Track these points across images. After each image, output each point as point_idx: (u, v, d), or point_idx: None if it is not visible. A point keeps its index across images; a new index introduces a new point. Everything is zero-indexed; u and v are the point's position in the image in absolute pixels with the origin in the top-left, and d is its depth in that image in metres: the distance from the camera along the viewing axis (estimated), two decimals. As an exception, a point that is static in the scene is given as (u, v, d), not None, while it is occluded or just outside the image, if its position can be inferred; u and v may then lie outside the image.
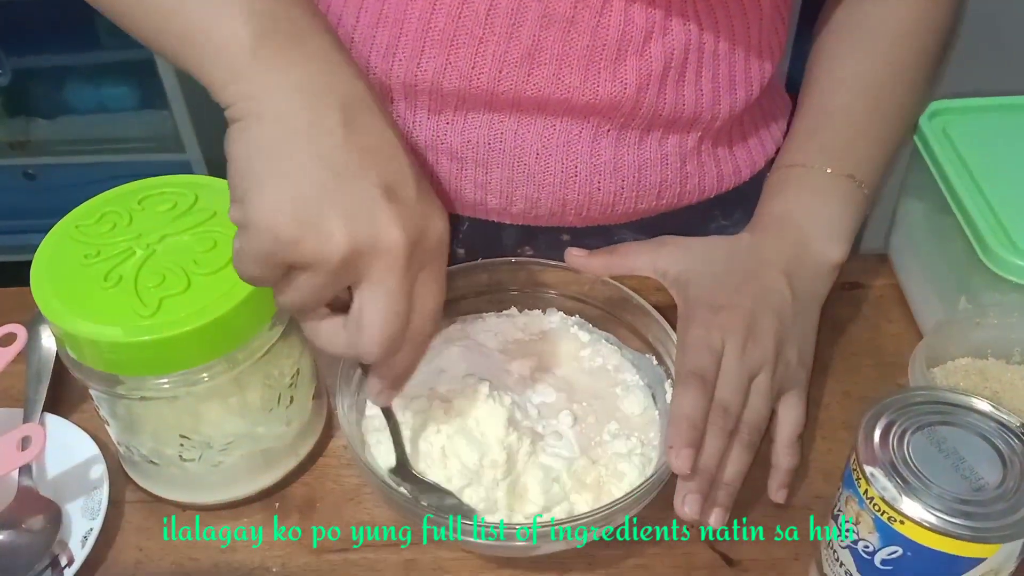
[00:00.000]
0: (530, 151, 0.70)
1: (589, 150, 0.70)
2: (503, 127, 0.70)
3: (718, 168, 0.75)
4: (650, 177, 0.72)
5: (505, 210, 0.73)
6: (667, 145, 0.72)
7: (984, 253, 0.61)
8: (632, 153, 0.71)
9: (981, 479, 0.47)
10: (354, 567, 0.59)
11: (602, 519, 0.55)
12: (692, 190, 0.74)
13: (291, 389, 0.61)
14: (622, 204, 0.73)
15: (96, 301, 0.53)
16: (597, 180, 0.71)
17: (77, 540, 0.59)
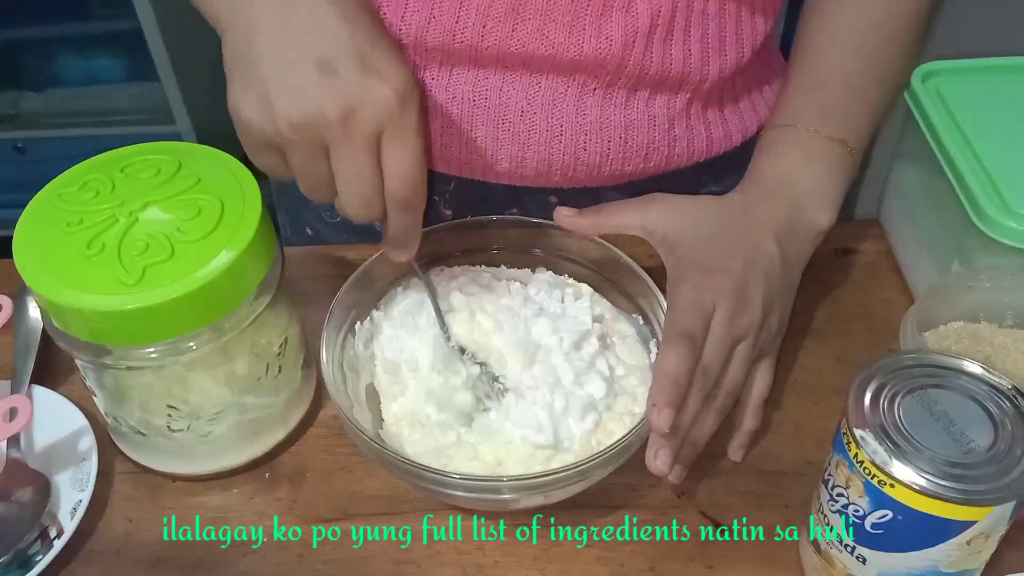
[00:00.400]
0: (515, 109, 0.69)
1: (575, 109, 0.69)
2: (488, 84, 0.69)
3: (708, 132, 0.74)
4: (637, 138, 0.71)
5: (490, 168, 0.73)
6: (654, 106, 0.71)
7: (977, 216, 0.61)
8: (619, 113, 0.70)
9: (972, 442, 0.47)
10: (345, 537, 0.59)
11: (577, 475, 0.55)
12: (680, 153, 0.74)
13: (279, 358, 0.61)
14: (608, 165, 0.72)
15: (79, 269, 0.52)
16: (583, 140, 0.70)
17: (66, 511, 0.59)
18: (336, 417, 0.66)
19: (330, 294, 0.70)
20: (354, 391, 0.62)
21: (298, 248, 0.82)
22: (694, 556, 0.58)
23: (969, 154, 0.65)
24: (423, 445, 0.59)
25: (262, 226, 0.55)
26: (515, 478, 0.55)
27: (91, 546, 0.59)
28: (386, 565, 0.58)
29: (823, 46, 0.70)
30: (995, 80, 0.71)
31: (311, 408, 0.66)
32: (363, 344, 0.64)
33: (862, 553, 0.50)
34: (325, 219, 0.84)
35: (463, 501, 0.58)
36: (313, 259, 0.78)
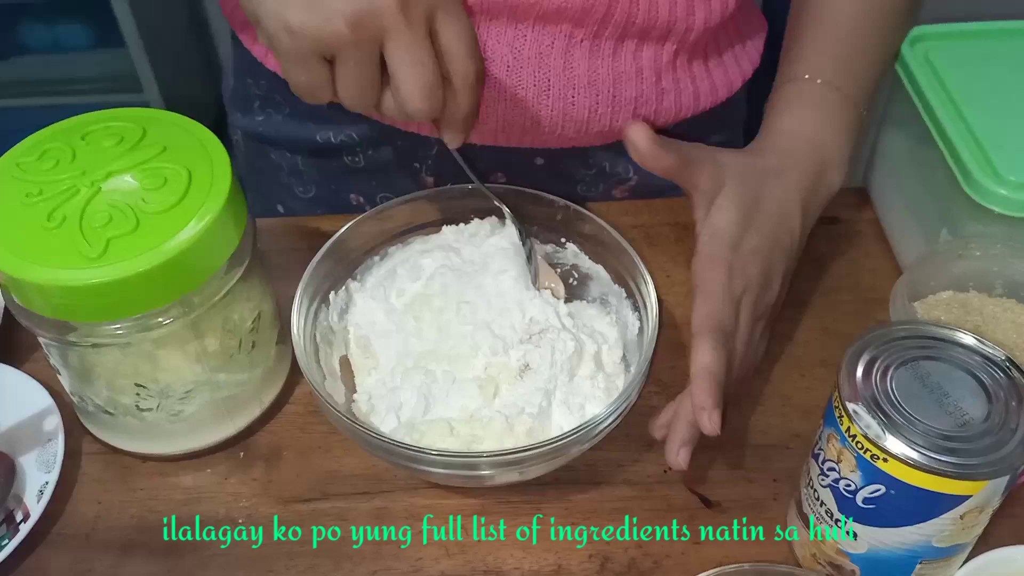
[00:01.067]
0: (501, 64, 0.67)
1: (562, 62, 0.68)
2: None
3: (694, 85, 0.73)
4: (625, 91, 0.70)
5: (476, 129, 0.70)
6: (641, 58, 0.69)
7: (966, 182, 0.59)
8: (606, 65, 0.68)
9: (966, 414, 0.46)
10: (323, 516, 0.58)
11: (554, 451, 0.53)
12: (669, 107, 0.72)
13: (252, 334, 0.59)
14: (597, 120, 0.70)
15: (39, 243, 0.50)
16: (571, 94, 0.69)
17: (33, 494, 0.57)
18: (312, 394, 0.64)
19: (305, 267, 0.68)
20: (327, 364, 0.60)
21: (271, 220, 0.80)
22: (681, 532, 0.57)
23: (958, 120, 0.63)
24: (396, 421, 0.58)
25: (232, 196, 0.53)
26: (493, 453, 0.54)
27: (59, 529, 0.57)
28: (366, 545, 0.56)
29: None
30: (985, 45, 0.69)
31: (286, 385, 0.64)
32: (337, 315, 0.63)
33: (853, 528, 0.49)
34: (297, 194, 0.82)
35: (439, 478, 0.56)
36: (287, 231, 0.76)
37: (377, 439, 0.53)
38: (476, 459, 0.54)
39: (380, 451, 0.54)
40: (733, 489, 0.59)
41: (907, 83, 0.67)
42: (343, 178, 0.80)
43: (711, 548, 0.56)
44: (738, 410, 0.62)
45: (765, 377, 0.64)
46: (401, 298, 0.63)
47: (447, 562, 0.55)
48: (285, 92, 0.76)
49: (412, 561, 0.56)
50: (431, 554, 0.56)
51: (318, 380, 0.57)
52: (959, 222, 0.62)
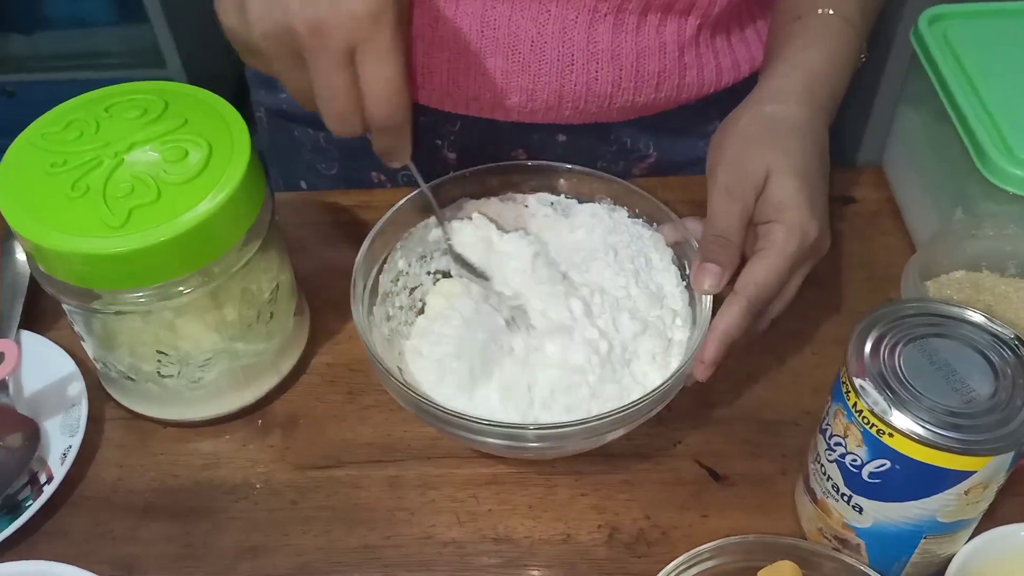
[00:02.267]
0: (525, 39, 0.68)
1: (586, 36, 0.68)
2: (496, 14, 0.67)
3: (717, 61, 0.73)
4: (648, 66, 0.70)
5: (500, 104, 0.71)
6: (665, 33, 0.69)
7: (982, 162, 0.59)
8: (630, 40, 0.69)
9: (972, 391, 0.46)
10: (338, 484, 0.59)
11: (606, 425, 0.54)
12: (691, 82, 0.72)
13: (271, 305, 0.60)
14: (620, 95, 0.71)
15: (63, 212, 0.51)
16: (595, 69, 0.69)
17: (56, 457, 0.58)
18: (329, 364, 0.65)
19: (323, 240, 0.69)
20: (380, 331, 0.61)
21: (290, 194, 0.81)
22: (689, 504, 0.57)
23: (975, 100, 0.63)
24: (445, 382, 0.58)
25: (251, 169, 0.54)
26: (547, 426, 0.54)
27: (81, 492, 0.59)
28: (379, 512, 0.57)
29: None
30: (1003, 25, 0.69)
31: (304, 356, 0.65)
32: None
33: (859, 502, 0.49)
34: (320, 171, 0.83)
35: (490, 447, 0.57)
36: (306, 205, 0.77)
37: (433, 407, 0.53)
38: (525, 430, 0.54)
39: (432, 418, 0.55)
40: (742, 463, 0.59)
41: (925, 62, 0.67)
42: (365, 155, 0.80)
43: (718, 521, 0.57)
44: (749, 386, 0.63)
45: (776, 354, 0.65)
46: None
47: (458, 529, 0.57)
48: None
49: (424, 527, 0.57)
50: (443, 521, 0.57)
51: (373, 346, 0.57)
52: (973, 202, 0.62)
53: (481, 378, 0.58)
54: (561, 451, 0.57)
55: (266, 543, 0.56)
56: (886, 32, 0.95)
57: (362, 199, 0.75)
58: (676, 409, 0.62)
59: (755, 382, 0.63)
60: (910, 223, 0.72)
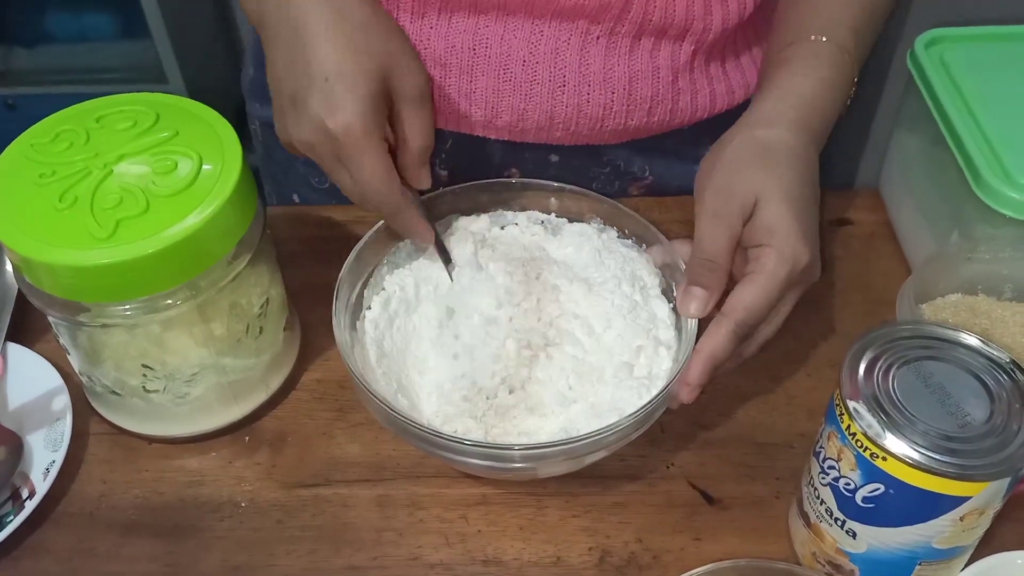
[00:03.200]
0: (516, 58, 0.68)
1: (578, 58, 0.68)
2: (488, 32, 0.67)
3: (711, 87, 0.73)
4: (641, 90, 0.70)
5: (490, 123, 0.71)
6: (658, 57, 0.69)
7: (977, 185, 0.59)
8: (623, 63, 0.68)
9: (967, 415, 0.45)
10: (325, 503, 0.58)
11: (587, 446, 0.53)
12: (684, 108, 0.72)
13: (260, 319, 0.59)
14: (612, 118, 0.70)
15: (50, 223, 0.50)
16: (586, 91, 0.69)
17: (39, 472, 0.57)
18: (319, 381, 0.65)
19: (315, 255, 0.68)
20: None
21: (283, 208, 0.80)
22: (682, 528, 0.57)
23: (971, 123, 0.63)
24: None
25: (241, 182, 0.53)
26: (537, 446, 0.53)
27: (64, 508, 0.58)
28: (366, 532, 0.57)
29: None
30: (999, 48, 0.69)
31: (293, 372, 0.64)
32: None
33: (852, 527, 0.49)
34: (313, 184, 0.82)
35: (474, 469, 0.56)
36: (299, 219, 0.77)
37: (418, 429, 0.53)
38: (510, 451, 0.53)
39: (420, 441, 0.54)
40: (735, 486, 0.59)
41: (921, 85, 0.67)
42: None
43: (711, 544, 0.56)
44: (743, 408, 0.62)
45: (772, 375, 0.64)
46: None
47: (447, 551, 0.56)
48: None
49: (412, 549, 0.56)
50: (431, 542, 0.56)
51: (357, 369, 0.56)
52: (969, 225, 0.62)
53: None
54: (541, 472, 0.56)
55: (251, 563, 0.55)
56: (883, 55, 0.95)
57: (356, 214, 0.75)
58: (669, 430, 0.61)
59: (749, 404, 0.63)
60: (906, 246, 0.71)
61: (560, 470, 0.56)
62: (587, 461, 0.55)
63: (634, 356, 0.58)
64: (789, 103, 0.62)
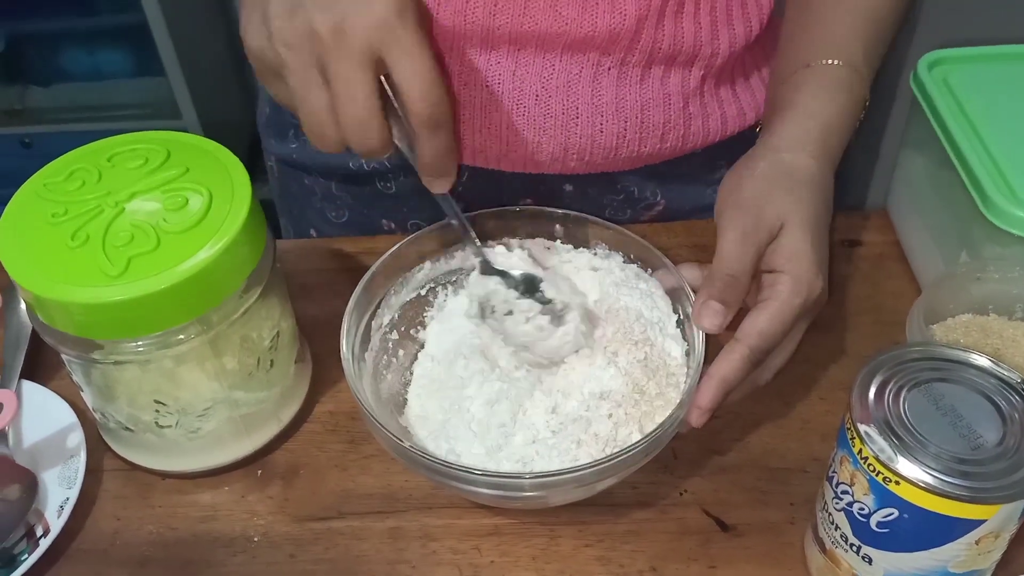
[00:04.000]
0: (530, 93, 0.68)
1: (590, 90, 0.68)
2: (501, 68, 0.68)
3: (721, 110, 0.73)
4: (653, 117, 0.70)
5: (505, 156, 0.71)
6: (669, 84, 0.70)
7: (985, 205, 0.59)
8: (634, 92, 0.69)
9: (980, 437, 0.45)
10: (338, 536, 0.58)
11: (595, 474, 0.53)
12: (696, 132, 0.73)
13: (271, 352, 0.59)
14: (625, 147, 0.71)
15: (62, 261, 0.51)
16: (600, 121, 0.69)
17: (53, 509, 0.58)
18: (332, 412, 0.65)
19: (326, 287, 0.69)
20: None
21: (294, 241, 0.81)
22: (696, 556, 0.56)
23: (976, 143, 0.63)
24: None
25: (251, 217, 0.54)
26: (542, 475, 0.53)
27: (78, 545, 0.58)
28: (380, 565, 0.57)
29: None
30: (1002, 68, 0.69)
31: (305, 404, 0.64)
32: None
33: (868, 553, 0.48)
34: (330, 219, 0.83)
35: (483, 498, 0.56)
36: (310, 252, 0.77)
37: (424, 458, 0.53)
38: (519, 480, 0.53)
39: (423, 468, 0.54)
40: (750, 512, 0.58)
41: (925, 106, 0.67)
42: (375, 203, 0.81)
43: (726, 572, 0.55)
44: (756, 433, 0.62)
45: (784, 400, 0.64)
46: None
47: (460, 582, 0.56)
48: None
49: (425, 581, 0.56)
50: (445, 574, 0.56)
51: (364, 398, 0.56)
52: (978, 245, 0.61)
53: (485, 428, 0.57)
54: (552, 501, 0.56)
55: (264, 597, 0.55)
56: (890, 75, 0.95)
57: (367, 245, 0.75)
58: (682, 456, 0.61)
59: (762, 428, 0.62)
60: (916, 267, 0.71)
61: (571, 498, 0.56)
62: (598, 488, 0.55)
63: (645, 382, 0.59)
64: (811, 127, 0.62)
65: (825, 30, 0.68)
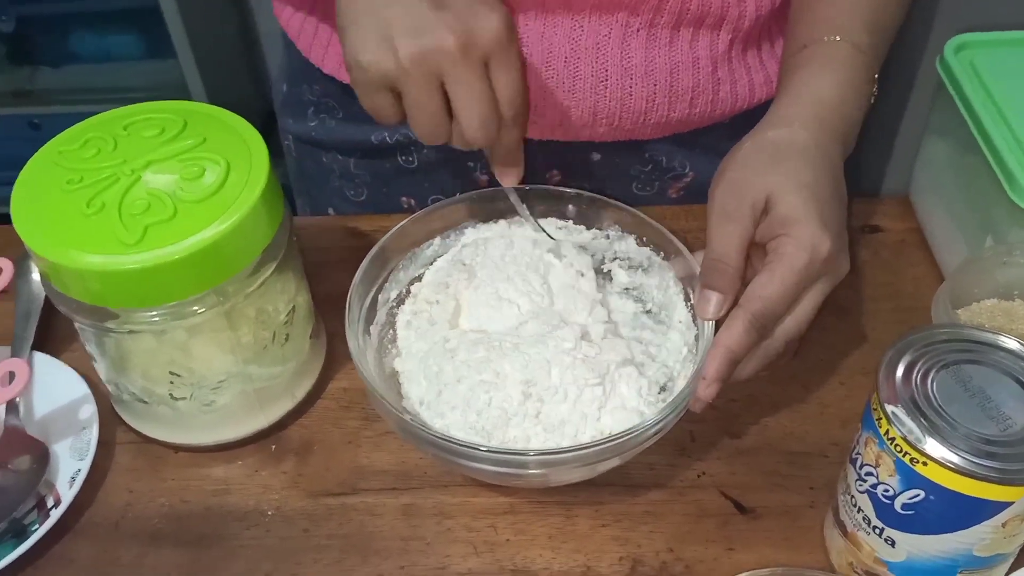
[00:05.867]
0: (559, 56, 0.68)
1: (620, 52, 0.68)
2: (529, 31, 0.68)
3: (749, 76, 0.73)
4: (682, 81, 0.70)
5: (535, 122, 0.71)
6: (698, 47, 0.70)
7: (1011, 187, 0.58)
8: (663, 54, 0.69)
9: (1009, 419, 0.44)
10: (352, 511, 0.57)
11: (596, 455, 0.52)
12: (725, 98, 0.72)
13: (286, 327, 0.59)
14: (655, 111, 0.70)
15: (78, 229, 0.50)
16: (629, 84, 0.69)
17: (65, 481, 0.57)
18: (346, 389, 0.64)
19: (342, 265, 0.68)
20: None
21: (311, 218, 0.80)
22: (715, 538, 0.56)
23: (1003, 127, 0.62)
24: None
25: (268, 189, 0.53)
26: (545, 452, 0.53)
27: (89, 517, 0.57)
28: (393, 541, 0.56)
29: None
30: (1031, 52, 0.68)
31: (320, 380, 0.64)
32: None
33: (891, 535, 0.48)
34: (348, 197, 0.82)
35: (487, 476, 0.56)
36: (326, 229, 0.77)
37: (431, 435, 0.52)
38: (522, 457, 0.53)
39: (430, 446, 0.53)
40: (768, 496, 0.57)
41: (952, 90, 0.66)
42: (395, 180, 0.80)
43: (744, 554, 0.55)
44: (775, 417, 0.61)
45: (803, 384, 0.63)
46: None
47: (475, 560, 0.55)
48: (340, 96, 0.77)
49: (440, 558, 0.55)
50: (459, 551, 0.55)
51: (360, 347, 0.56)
52: (1003, 229, 0.61)
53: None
54: (554, 480, 0.56)
55: (277, 572, 0.55)
56: (909, 62, 0.94)
57: (383, 224, 0.75)
58: (700, 439, 0.60)
59: (781, 413, 0.62)
60: (938, 253, 0.70)
61: (574, 477, 0.55)
62: (600, 469, 0.54)
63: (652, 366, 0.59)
64: (804, 104, 0.61)
65: (825, 10, 0.66)
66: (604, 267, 0.66)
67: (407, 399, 0.58)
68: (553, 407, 0.55)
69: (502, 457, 0.52)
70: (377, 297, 0.62)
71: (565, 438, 0.55)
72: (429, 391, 0.57)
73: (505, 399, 0.55)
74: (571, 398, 0.56)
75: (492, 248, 0.63)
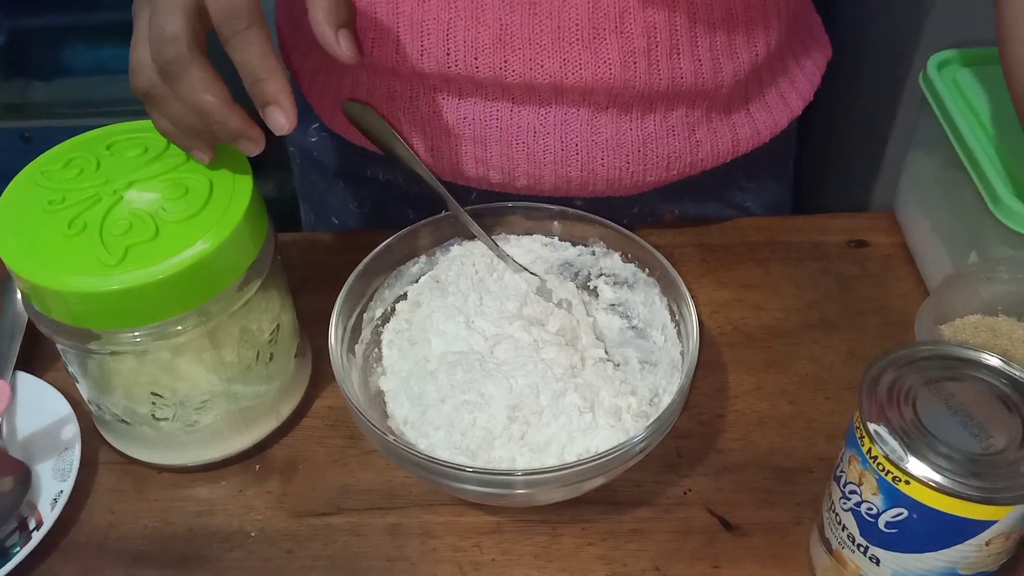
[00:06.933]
0: (527, 130, 0.66)
1: (588, 128, 0.66)
2: (496, 107, 0.66)
3: (733, 132, 0.70)
4: (656, 150, 0.68)
5: (509, 184, 0.69)
6: (672, 117, 0.67)
7: (994, 205, 0.58)
8: (635, 128, 0.66)
9: (991, 437, 0.44)
10: (337, 532, 0.57)
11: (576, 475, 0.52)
12: (705, 158, 0.69)
13: (271, 346, 0.59)
14: (628, 178, 0.68)
15: (59, 250, 0.50)
16: (599, 157, 0.67)
17: (47, 502, 0.57)
18: (331, 408, 0.64)
19: (327, 282, 0.67)
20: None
21: (294, 234, 0.80)
22: (700, 555, 0.55)
23: (986, 143, 0.62)
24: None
25: (251, 208, 0.53)
26: (532, 472, 0.53)
27: (72, 538, 0.57)
28: (379, 562, 0.56)
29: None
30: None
31: (304, 398, 0.64)
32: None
33: (875, 553, 0.47)
34: (352, 208, 0.82)
35: (472, 495, 0.56)
36: (310, 246, 0.76)
37: (416, 456, 0.52)
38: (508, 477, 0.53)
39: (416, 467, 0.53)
40: (754, 512, 0.57)
41: (934, 106, 0.66)
42: (400, 195, 0.80)
43: (730, 572, 0.55)
44: (761, 432, 0.61)
45: (790, 399, 0.63)
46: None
47: (460, 580, 0.55)
48: (334, 122, 0.75)
49: (425, 578, 0.55)
50: (444, 572, 0.55)
51: (344, 367, 0.56)
52: (987, 245, 0.61)
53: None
54: (540, 499, 0.56)
55: (261, 593, 0.55)
56: (894, 77, 0.95)
57: (372, 240, 0.74)
58: (686, 456, 0.60)
59: (767, 428, 0.62)
60: (923, 268, 0.71)
61: (560, 496, 0.55)
62: (586, 487, 0.54)
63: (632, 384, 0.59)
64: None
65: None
66: (590, 283, 0.66)
67: (392, 419, 0.58)
68: (539, 428, 0.55)
69: (487, 477, 0.52)
70: (362, 316, 0.62)
71: (550, 457, 0.55)
72: (413, 411, 0.57)
73: (489, 419, 0.55)
74: (557, 417, 0.56)
75: (468, 267, 0.63)
